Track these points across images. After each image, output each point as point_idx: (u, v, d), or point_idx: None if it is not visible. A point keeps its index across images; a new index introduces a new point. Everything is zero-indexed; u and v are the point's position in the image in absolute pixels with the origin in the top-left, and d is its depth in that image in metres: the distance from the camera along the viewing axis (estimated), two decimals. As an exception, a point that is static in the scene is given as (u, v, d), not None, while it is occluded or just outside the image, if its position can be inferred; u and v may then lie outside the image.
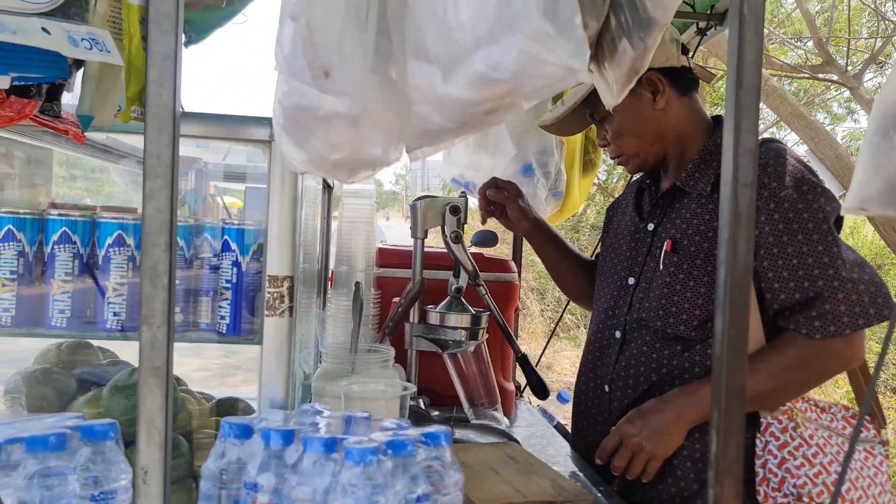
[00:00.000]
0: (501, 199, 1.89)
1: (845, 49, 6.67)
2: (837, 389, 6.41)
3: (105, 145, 1.51)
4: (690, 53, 2.08)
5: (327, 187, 2.00)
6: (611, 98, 1.18)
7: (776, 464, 1.51)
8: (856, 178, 0.83)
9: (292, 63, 0.87)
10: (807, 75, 6.87)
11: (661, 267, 1.63)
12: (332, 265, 2.02)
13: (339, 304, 1.84)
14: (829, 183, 5.68)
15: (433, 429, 1.00)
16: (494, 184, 1.91)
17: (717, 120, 1.74)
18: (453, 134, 0.85)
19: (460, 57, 0.79)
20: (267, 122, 1.08)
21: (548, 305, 10.66)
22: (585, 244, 10.61)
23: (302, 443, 0.92)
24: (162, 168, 0.78)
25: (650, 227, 1.72)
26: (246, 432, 0.97)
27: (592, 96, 1.67)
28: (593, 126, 1.84)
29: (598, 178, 12.32)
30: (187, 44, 2.54)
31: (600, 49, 1.17)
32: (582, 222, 11.82)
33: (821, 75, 6.78)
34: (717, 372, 0.84)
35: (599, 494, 1.55)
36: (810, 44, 7.29)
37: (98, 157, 1.53)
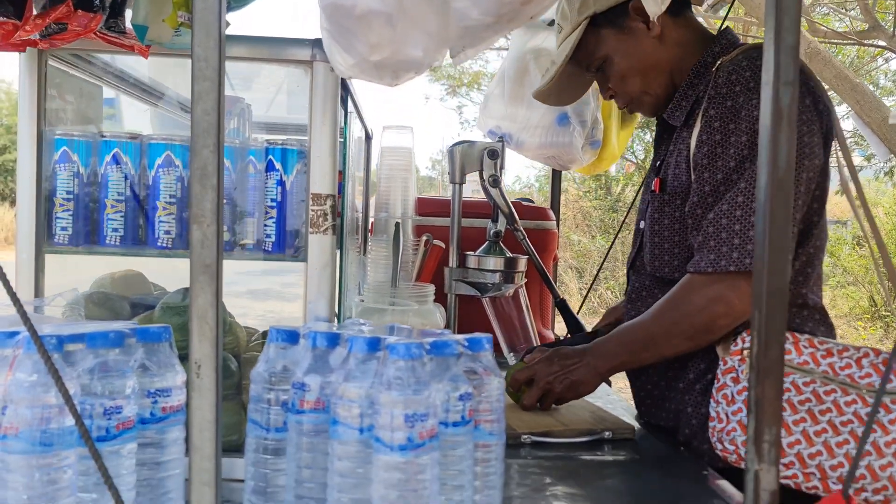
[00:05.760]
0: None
1: (892, 16, 6.49)
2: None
3: (148, 85, 1.56)
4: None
5: (367, 138, 2.02)
6: (654, 6, 1.18)
7: (730, 412, 1.32)
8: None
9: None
10: (853, 41, 6.70)
11: (651, 208, 1.55)
12: (371, 215, 2.06)
13: (378, 251, 1.87)
14: (876, 147, 5.52)
15: (474, 335, 1.01)
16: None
17: (722, 34, 1.54)
18: (492, 30, 0.86)
19: None
20: (308, 43, 1.10)
21: (585, 284, 10.61)
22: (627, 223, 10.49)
23: (347, 343, 0.94)
24: (209, 70, 0.81)
25: (657, 164, 1.63)
26: (293, 338, 1.00)
27: (579, 51, 1.55)
28: None
29: (637, 158, 12.14)
30: (228, 9, 2.58)
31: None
32: (620, 201, 11.70)
33: (867, 41, 6.61)
34: (757, 273, 0.84)
35: (640, 426, 1.55)
36: (854, 12, 7.10)
37: (142, 96, 1.57)
